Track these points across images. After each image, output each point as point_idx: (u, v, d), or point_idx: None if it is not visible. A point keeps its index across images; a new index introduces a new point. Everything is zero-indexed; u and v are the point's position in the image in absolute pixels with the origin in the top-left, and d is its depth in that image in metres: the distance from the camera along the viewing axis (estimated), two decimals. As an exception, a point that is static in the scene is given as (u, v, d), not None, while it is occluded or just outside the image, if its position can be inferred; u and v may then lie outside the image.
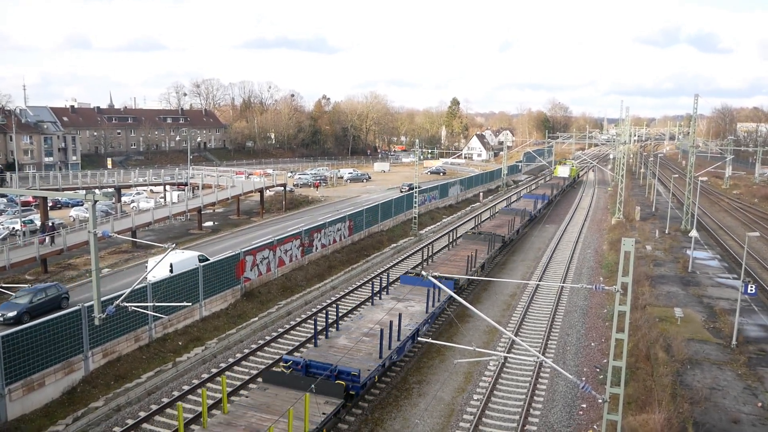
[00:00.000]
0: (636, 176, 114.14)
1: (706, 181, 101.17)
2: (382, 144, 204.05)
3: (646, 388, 23.32)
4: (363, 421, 21.90)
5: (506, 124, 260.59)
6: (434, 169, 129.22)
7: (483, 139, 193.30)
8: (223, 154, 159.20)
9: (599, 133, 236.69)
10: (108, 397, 22.81)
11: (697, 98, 55.98)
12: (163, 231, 58.76)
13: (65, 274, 41.83)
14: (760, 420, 21.16)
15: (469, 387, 24.83)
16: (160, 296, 27.27)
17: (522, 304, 35.83)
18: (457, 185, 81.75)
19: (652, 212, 68.59)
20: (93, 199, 18.00)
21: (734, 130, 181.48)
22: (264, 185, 72.69)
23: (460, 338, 29.78)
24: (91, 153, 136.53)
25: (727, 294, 36.24)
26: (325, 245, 45.11)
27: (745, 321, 31.00)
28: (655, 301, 34.38)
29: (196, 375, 25.65)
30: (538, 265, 46.22)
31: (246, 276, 35.06)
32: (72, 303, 32.52)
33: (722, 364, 25.89)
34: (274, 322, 32.16)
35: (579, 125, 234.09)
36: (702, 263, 44.08)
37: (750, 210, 74.23)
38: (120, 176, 74.14)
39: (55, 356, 22.66)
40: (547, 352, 28.65)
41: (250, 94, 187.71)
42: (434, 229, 60.58)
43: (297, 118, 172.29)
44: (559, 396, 24.01)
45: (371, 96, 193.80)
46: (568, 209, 77.17)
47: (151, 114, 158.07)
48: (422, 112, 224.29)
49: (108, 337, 25.19)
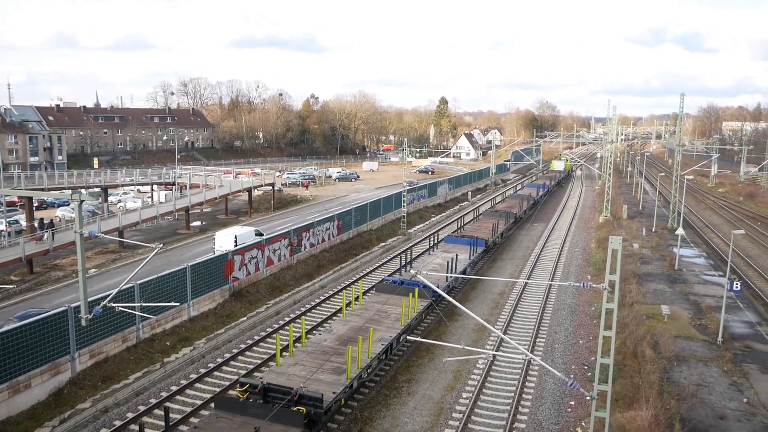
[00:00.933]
0: (623, 175, 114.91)
1: (693, 179, 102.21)
2: (371, 143, 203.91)
3: (634, 385, 23.50)
4: (352, 420, 21.89)
5: (495, 123, 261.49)
6: (423, 168, 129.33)
7: (471, 138, 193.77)
8: (211, 153, 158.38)
9: (586, 132, 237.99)
10: (95, 398, 22.62)
11: (683, 97, 56.51)
12: (150, 231, 58.38)
13: (51, 274, 41.46)
14: (746, 415, 21.40)
15: (458, 385, 24.89)
16: (147, 296, 27.08)
17: (510, 302, 35.95)
18: (446, 184, 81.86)
19: (639, 210, 69.12)
20: (79, 199, 17.84)
21: (720, 128, 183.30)
22: (252, 185, 72.45)
23: (449, 337, 29.84)
24: (77, 153, 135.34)
25: (713, 291, 36.59)
26: (313, 244, 45.02)
27: (731, 318, 31.32)
28: (642, 299, 34.64)
29: (184, 375, 25.51)
30: (527, 264, 46.41)
31: (234, 276, 34.91)
32: (59, 304, 32.20)
33: (708, 361, 26.14)
34: (262, 322, 32.04)
35: (567, 124, 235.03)
36: (688, 261, 44.47)
37: (735, 208, 75.00)
38: (107, 176, 73.54)
39: (41, 358, 22.43)
40: (535, 350, 28.77)
41: (238, 93, 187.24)
42: (423, 227, 60.63)
43: (285, 118, 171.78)
44: (548, 393, 24.13)
45: (360, 95, 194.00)
46: (556, 208, 77.54)
47: (138, 113, 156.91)
48: (411, 111, 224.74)
49: (95, 338, 24.97)
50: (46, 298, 36.07)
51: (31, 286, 38.58)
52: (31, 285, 38.71)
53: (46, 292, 37.43)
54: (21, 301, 35.31)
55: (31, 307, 32.51)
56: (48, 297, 36.23)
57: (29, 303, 34.85)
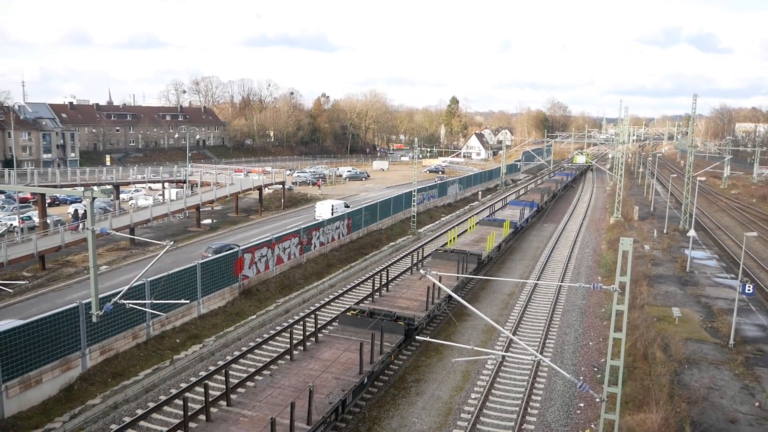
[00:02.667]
0: (634, 176, 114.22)
1: (705, 181, 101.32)
2: (381, 142, 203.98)
3: (644, 388, 23.35)
4: (361, 419, 21.90)
5: (505, 123, 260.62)
6: (433, 167, 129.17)
7: (482, 138, 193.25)
8: (222, 151, 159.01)
9: (598, 133, 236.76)
10: (105, 394, 22.79)
11: (695, 98, 56.07)
12: (161, 228, 58.71)
13: (63, 270, 41.79)
14: (758, 420, 21.20)
15: (467, 386, 24.83)
16: (158, 294, 27.23)
17: (520, 303, 35.83)
18: (456, 184, 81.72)
19: (650, 212, 68.64)
20: (91, 196, 17.94)
21: (733, 130, 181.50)
22: (263, 183, 72.63)
23: (458, 337, 29.79)
24: (89, 150, 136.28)
25: (724, 294, 36.28)
26: (323, 243, 45.08)
27: (743, 321, 31.04)
28: (653, 301, 34.40)
29: (193, 372, 25.62)
30: (537, 264, 46.23)
31: (244, 274, 35.03)
32: (70, 300, 32.47)
33: (720, 364, 25.92)
34: (272, 320, 32.13)
35: (578, 125, 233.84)
36: (700, 263, 44.11)
37: (748, 210, 74.28)
38: (119, 173, 73.96)
39: (52, 353, 22.61)
40: (545, 351, 28.66)
41: (249, 91, 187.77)
42: (432, 227, 60.57)
43: (296, 116, 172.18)
44: (557, 395, 24.02)
45: (371, 94, 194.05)
46: (566, 209, 77.20)
47: (150, 111, 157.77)
48: (421, 110, 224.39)
49: (105, 335, 25.14)
50: (57, 294, 36.35)
51: (43, 282, 38.90)
52: (43, 281, 39.02)
53: (57, 288, 37.72)
54: (33, 297, 35.62)
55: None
56: (60, 293, 36.52)
57: (41, 299, 35.17)
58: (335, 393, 19.92)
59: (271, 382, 20.64)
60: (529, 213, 59.35)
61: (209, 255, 38.30)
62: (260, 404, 18.93)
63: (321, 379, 20.70)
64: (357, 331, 25.00)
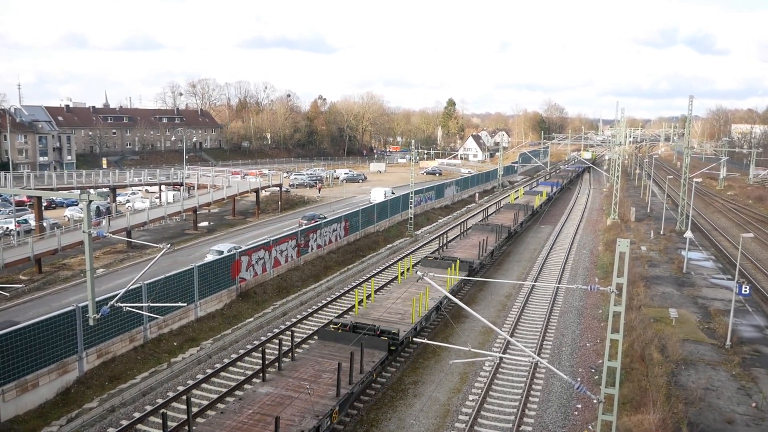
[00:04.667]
0: (631, 177, 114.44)
1: (701, 182, 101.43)
2: (378, 144, 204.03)
3: (641, 389, 23.37)
4: (358, 421, 21.88)
5: (502, 124, 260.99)
6: (430, 169, 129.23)
7: (479, 140, 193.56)
8: (219, 154, 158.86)
9: (594, 134, 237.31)
10: (102, 397, 22.73)
11: (692, 100, 56.20)
12: (158, 231, 58.61)
13: (60, 274, 41.69)
14: (754, 420, 21.24)
15: (465, 387, 24.84)
16: (155, 296, 27.18)
17: (518, 304, 35.86)
18: (453, 186, 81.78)
19: (647, 213, 68.76)
20: (88, 199, 17.93)
21: (729, 131, 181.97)
22: (260, 185, 72.60)
23: (456, 339, 29.79)
24: (86, 153, 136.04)
25: (721, 295, 36.35)
26: (320, 245, 45.06)
27: (740, 322, 31.10)
28: (650, 302, 34.46)
29: (191, 375, 25.58)
30: (534, 266, 46.28)
31: (241, 276, 35.00)
32: (67, 303, 32.42)
33: (716, 365, 25.97)
34: (269, 323, 32.10)
35: (574, 126, 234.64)
36: (697, 264, 44.20)
37: (744, 211, 74.46)
38: (115, 176, 73.92)
39: (49, 357, 22.55)
40: (542, 353, 28.68)
41: (246, 94, 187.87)
42: (430, 229, 60.59)
43: (293, 119, 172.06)
44: (555, 396, 24.04)
45: (367, 96, 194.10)
46: (563, 210, 77.31)
47: (146, 114, 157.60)
48: (418, 112, 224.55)
49: (102, 338, 25.09)
50: (54, 297, 36.26)
51: (40, 285, 38.80)
52: (39, 284, 38.93)
53: (54, 291, 37.64)
54: (29, 301, 35.54)
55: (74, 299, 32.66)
56: (56, 296, 36.43)
57: (37, 302, 35.07)
58: (307, 420, 18.12)
59: (239, 407, 18.80)
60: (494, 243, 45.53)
61: (304, 222, 51.89)
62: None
63: (294, 404, 19.12)
64: (340, 347, 23.60)
